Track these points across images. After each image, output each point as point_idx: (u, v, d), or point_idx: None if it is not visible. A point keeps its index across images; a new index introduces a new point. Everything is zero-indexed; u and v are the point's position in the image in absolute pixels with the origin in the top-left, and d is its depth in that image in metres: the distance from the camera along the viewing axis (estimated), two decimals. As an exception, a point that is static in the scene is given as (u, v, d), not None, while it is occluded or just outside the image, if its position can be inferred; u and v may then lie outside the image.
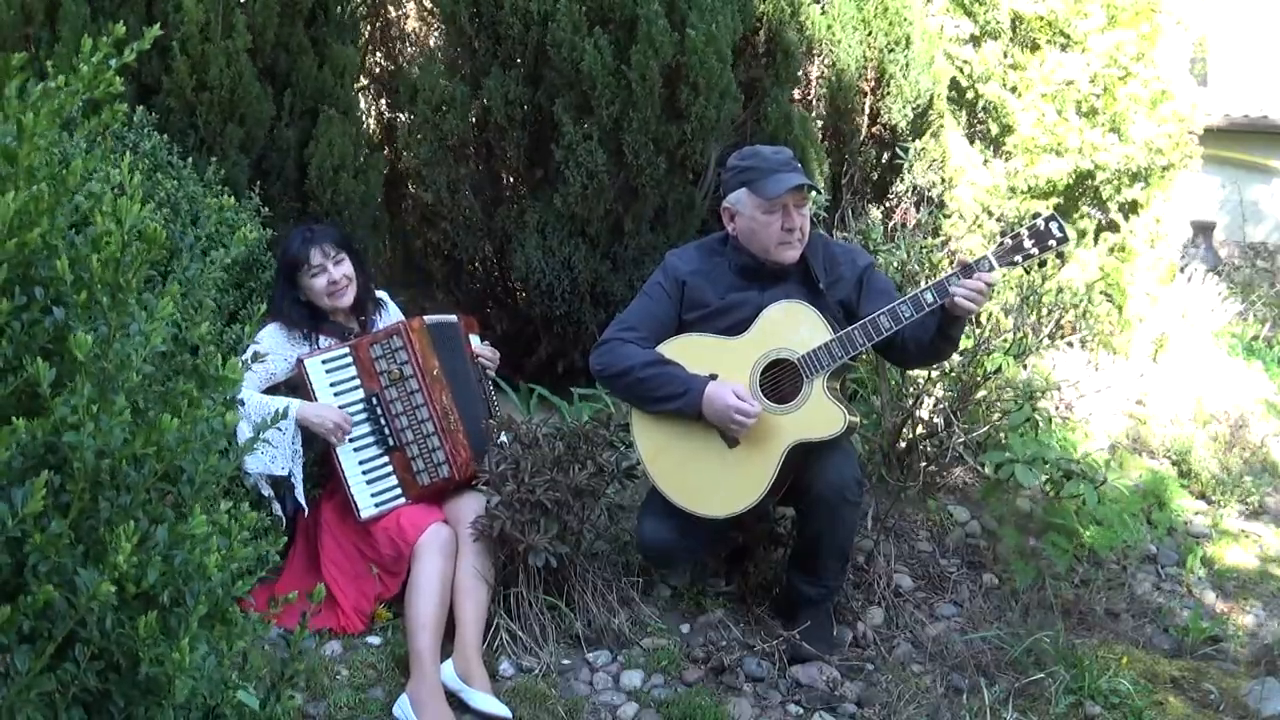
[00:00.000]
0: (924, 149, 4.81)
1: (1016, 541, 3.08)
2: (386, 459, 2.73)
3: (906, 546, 3.19)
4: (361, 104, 4.59)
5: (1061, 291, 3.61)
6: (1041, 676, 2.59)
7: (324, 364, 2.73)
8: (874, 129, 4.82)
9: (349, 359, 2.75)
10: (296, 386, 2.74)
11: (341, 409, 2.70)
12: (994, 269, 2.51)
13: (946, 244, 4.36)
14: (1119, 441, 4.11)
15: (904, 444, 3.40)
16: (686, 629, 2.79)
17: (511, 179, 4.27)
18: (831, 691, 2.58)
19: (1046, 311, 3.49)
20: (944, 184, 4.88)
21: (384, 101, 5.03)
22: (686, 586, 2.93)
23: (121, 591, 1.14)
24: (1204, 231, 7.91)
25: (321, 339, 2.82)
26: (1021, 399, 3.17)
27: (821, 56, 4.72)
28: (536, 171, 4.12)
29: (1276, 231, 9.03)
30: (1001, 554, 3.16)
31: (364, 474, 2.70)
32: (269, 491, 2.67)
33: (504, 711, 2.37)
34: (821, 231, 3.32)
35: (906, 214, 4.75)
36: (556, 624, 2.68)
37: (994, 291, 2.71)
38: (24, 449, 1.13)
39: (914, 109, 4.79)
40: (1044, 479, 3.08)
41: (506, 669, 2.55)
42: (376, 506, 2.69)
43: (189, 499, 1.28)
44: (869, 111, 4.79)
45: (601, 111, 3.78)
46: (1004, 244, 2.56)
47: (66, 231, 1.27)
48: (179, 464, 1.25)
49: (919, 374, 3.35)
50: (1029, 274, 3.49)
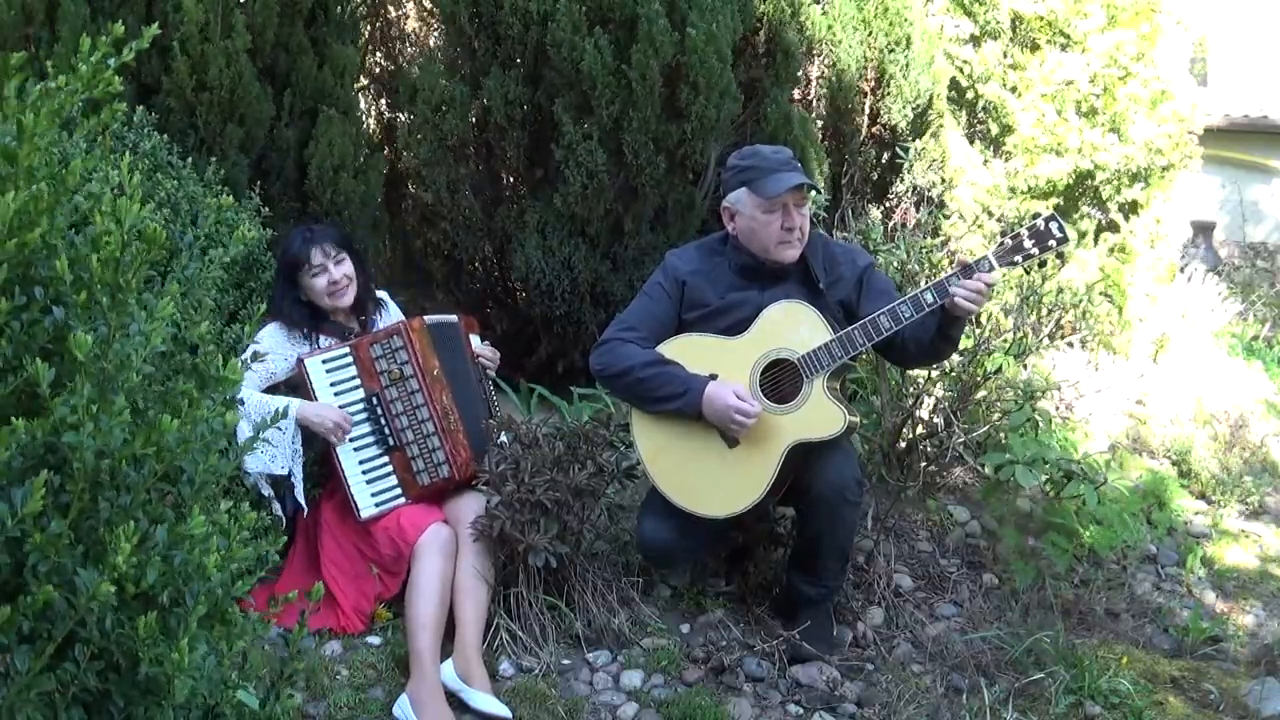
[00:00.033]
0: (924, 149, 4.81)
1: (1016, 541, 3.08)
2: (386, 459, 2.73)
3: (906, 546, 3.19)
4: (361, 104, 4.59)
5: (1061, 292, 3.61)
6: (1041, 676, 2.59)
7: (324, 363, 2.73)
8: (874, 129, 4.82)
9: (349, 359, 2.75)
10: (296, 386, 2.74)
11: (342, 409, 2.70)
12: (994, 269, 2.51)
13: (946, 244, 4.35)
14: (1119, 442, 4.11)
15: (904, 444, 3.40)
16: (686, 629, 2.79)
17: (511, 179, 4.27)
18: (831, 691, 2.58)
19: (1046, 311, 3.48)
20: (944, 184, 4.88)
21: (384, 101, 5.03)
22: (686, 586, 2.93)
23: (121, 591, 1.14)
24: (1204, 231, 7.90)
25: (322, 339, 2.82)
26: (1021, 399, 3.17)
27: (821, 56, 4.72)
28: (536, 171, 4.12)
29: (1276, 231, 9.03)
30: (1001, 554, 3.16)
31: (364, 474, 2.70)
32: (269, 491, 2.67)
33: (504, 711, 2.37)
34: (821, 231, 3.32)
35: (906, 214, 4.75)
36: (556, 624, 2.67)
37: (994, 292, 2.71)
38: (24, 449, 1.13)
39: (914, 109, 4.79)
40: (1044, 479, 3.08)
41: (506, 669, 2.55)
42: (376, 506, 2.69)
43: (189, 499, 1.28)
44: (869, 111, 4.79)
45: (601, 111, 3.78)
46: (1004, 244, 2.56)
47: (66, 231, 1.27)
48: (179, 464, 1.25)
49: (919, 374, 3.34)
50: (1029, 274, 3.48)
